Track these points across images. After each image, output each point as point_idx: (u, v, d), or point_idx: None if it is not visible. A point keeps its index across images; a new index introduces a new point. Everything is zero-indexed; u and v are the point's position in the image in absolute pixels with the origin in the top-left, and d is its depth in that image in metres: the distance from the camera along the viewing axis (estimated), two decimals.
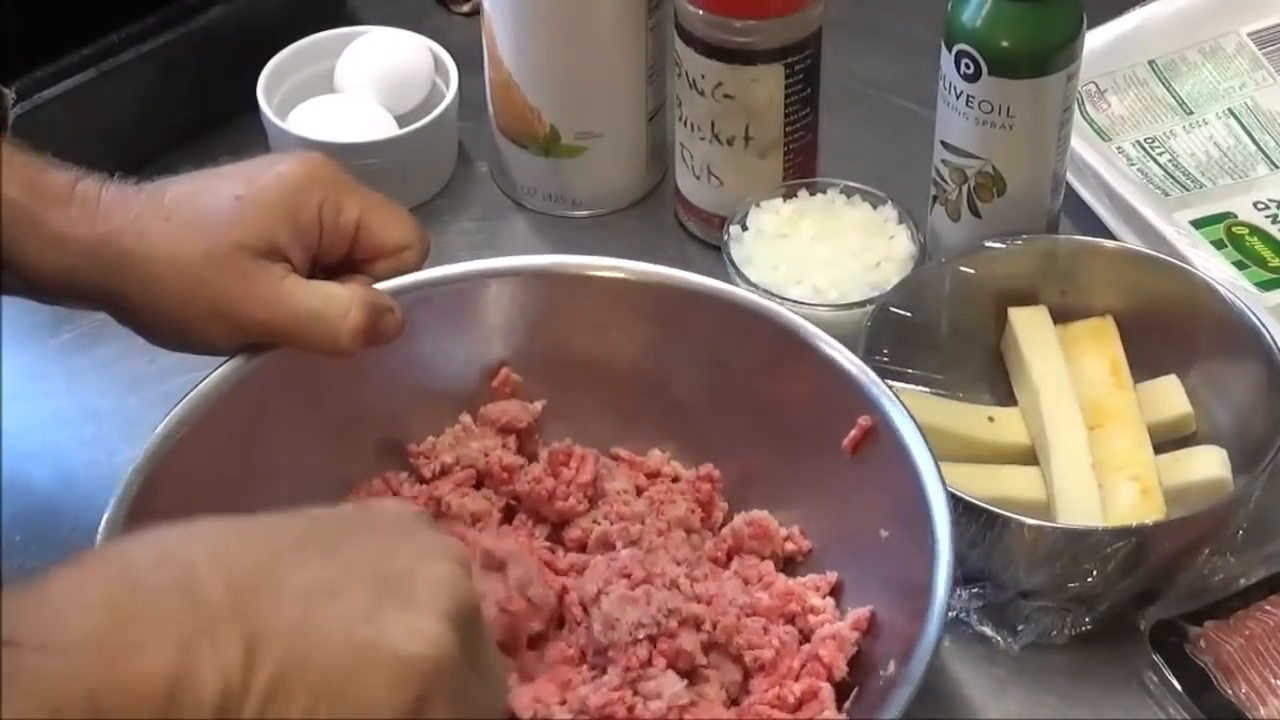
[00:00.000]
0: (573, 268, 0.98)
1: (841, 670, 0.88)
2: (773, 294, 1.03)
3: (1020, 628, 0.94)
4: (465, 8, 1.29)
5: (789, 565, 0.95)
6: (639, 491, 0.97)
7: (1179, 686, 0.91)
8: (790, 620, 0.91)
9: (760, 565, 0.93)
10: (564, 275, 0.98)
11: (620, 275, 0.97)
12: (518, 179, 1.17)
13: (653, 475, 0.98)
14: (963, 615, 0.94)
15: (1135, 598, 0.93)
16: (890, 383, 0.98)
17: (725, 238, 1.07)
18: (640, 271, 0.97)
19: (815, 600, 0.91)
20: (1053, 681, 0.93)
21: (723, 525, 0.96)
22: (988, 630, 0.94)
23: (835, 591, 0.92)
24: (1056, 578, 0.92)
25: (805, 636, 0.90)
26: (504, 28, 1.11)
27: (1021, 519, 0.91)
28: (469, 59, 1.17)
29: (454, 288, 0.97)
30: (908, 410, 0.90)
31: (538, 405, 0.98)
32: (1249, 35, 1.22)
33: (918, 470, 0.87)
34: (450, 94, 1.16)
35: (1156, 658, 0.92)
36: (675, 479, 0.97)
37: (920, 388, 1.00)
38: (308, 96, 1.16)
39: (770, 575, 0.93)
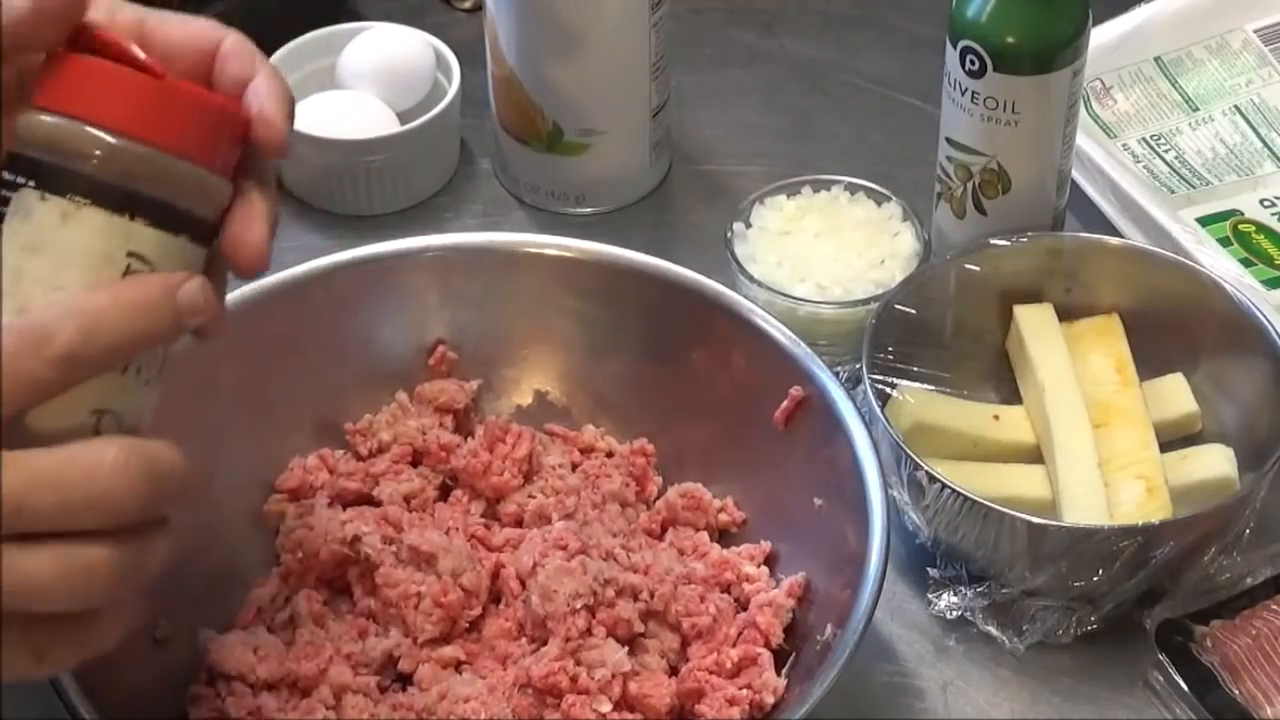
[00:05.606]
0: (507, 245, 1.00)
1: (778, 637, 0.89)
2: (776, 291, 1.03)
3: (1025, 627, 0.93)
4: (467, 4, 1.29)
5: (723, 537, 0.96)
6: (574, 466, 0.98)
7: (1184, 686, 0.91)
8: (726, 589, 0.92)
9: (695, 536, 0.95)
10: (499, 252, 0.99)
11: (554, 252, 0.99)
12: (520, 176, 1.17)
13: (587, 450, 0.99)
14: (968, 614, 0.94)
15: (1140, 597, 0.93)
16: (895, 380, 0.98)
17: (729, 235, 1.07)
18: (574, 248, 0.99)
19: (750, 569, 0.92)
20: (1058, 681, 0.93)
21: (657, 498, 0.97)
22: (992, 630, 0.94)
23: (770, 561, 0.93)
24: (1061, 577, 0.92)
25: (741, 605, 0.91)
26: (506, 24, 1.11)
27: (1026, 517, 0.91)
28: (471, 55, 1.16)
29: (390, 265, 0.98)
30: (840, 381, 0.91)
31: (474, 384, 1.00)
32: (1255, 32, 1.22)
33: (850, 439, 0.89)
34: (452, 90, 1.16)
35: (1162, 657, 0.92)
36: (610, 454, 0.98)
37: (925, 385, 1.00)
38: (309, 93, 1.16)
39: (705, 546, 0.94)
